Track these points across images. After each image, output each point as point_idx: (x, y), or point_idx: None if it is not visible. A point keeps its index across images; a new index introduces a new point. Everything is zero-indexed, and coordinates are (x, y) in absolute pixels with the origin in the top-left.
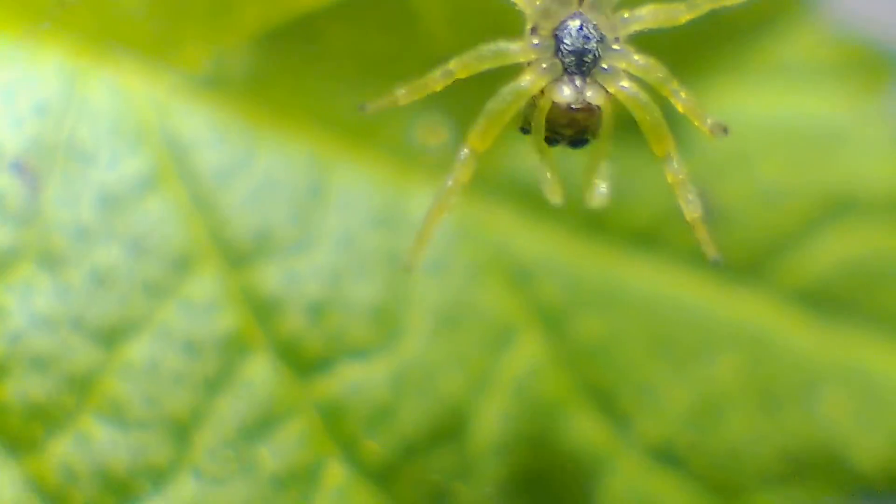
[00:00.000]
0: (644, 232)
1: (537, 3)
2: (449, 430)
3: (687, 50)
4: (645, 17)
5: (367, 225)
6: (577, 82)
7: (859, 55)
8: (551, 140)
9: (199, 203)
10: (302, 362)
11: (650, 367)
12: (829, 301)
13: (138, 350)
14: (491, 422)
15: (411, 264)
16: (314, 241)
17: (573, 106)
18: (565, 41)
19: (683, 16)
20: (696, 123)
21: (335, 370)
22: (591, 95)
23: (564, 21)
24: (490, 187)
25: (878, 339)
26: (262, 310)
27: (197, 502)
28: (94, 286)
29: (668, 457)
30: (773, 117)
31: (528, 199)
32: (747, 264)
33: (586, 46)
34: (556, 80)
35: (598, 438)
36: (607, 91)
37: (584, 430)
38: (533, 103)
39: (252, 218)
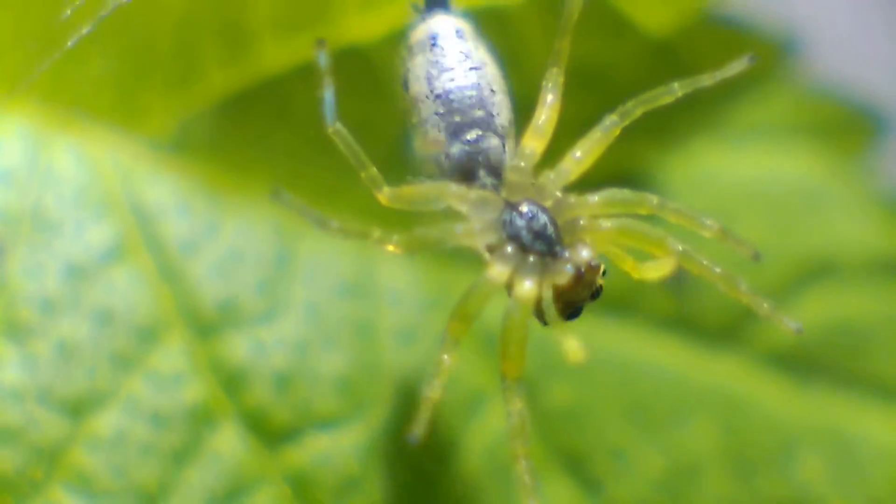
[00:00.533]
0: (616, 297)
1: (477, 226)
2: (418, 499)
3: (664, 112)
4: (578, 160)
5: (334, 294)
6: (564, 252)
7: (837, 116)
8: (573, 314)
9: (166, 273)
10: (270, 433)
11: (622, 432)
12: (805, 364)
13: (106, 421)
14: (460, 490)
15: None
16: (281, 311)
17: (580, 272)
18: (522, 233)
19: (615, 127)
20: (694, 229)
21: (303, 441)
22: (587, 255)
23: (507, 218)
24: (459, 256)
25: (855, 402)
26: (230, 380)
27: None
28: (61, 358)
29: None
30: (751, 179)
31: None
32: (723, 328)
33: (540, 221)
34: (545, 268)
35: None
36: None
37: (556, 494)
38: (538, 306)
39: (218, 288)
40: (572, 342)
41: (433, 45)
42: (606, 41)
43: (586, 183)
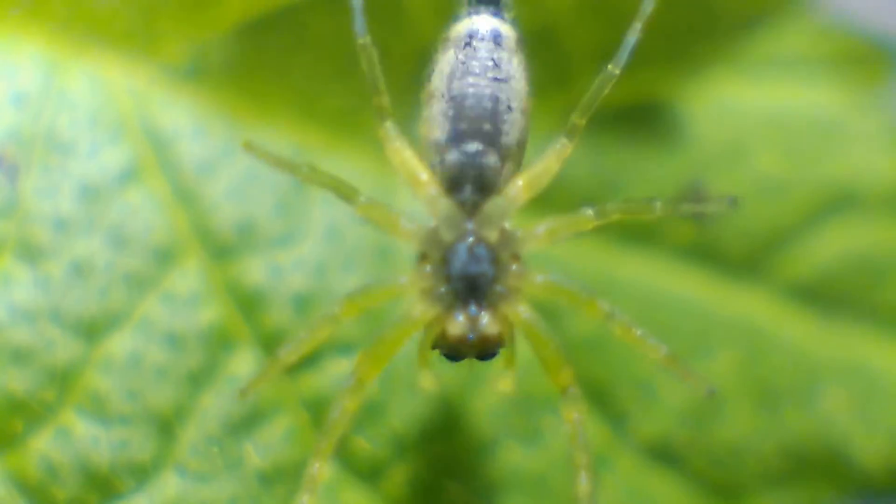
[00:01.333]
0: (640, 226)
1: (422, 231)
2: (440, 426)
3: (681, 42)
4: (542, 234)
5: (353, 218)
6: (473, 308)
7: (856, 48)
8: (454, 358)
9: (182, 195)
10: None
11: (645, 362)
12: (828, 296)
13: (120, 343)
14: (484, 417)
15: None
16: (299, 233)
17: (469, 336)
18: (455, 265)
19: (591, 222)
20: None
21: (321, 365)
22: (486, 325)
23: (454, 244)
24: None
25: (878, 335)
26: (247, 303)
27: (181, 499)
28: (75, 278)
29: (665, 455)
30: (770, 110)
31: None
32: (745, 259)
33: (478, 270)
34: (449, 309)
35: (594, 436)
36: (506, 315)
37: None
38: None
39: (235, 210)
40: (426, 375)
41: (467, 43)
42: None
43: (603, 113)
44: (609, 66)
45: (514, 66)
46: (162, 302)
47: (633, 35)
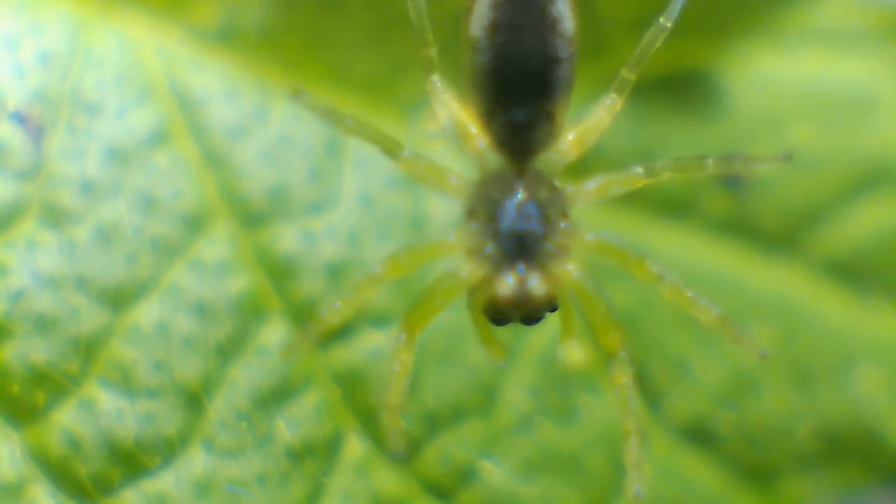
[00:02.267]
0: (676, 199)
1: (471, 185)
2: (475, 404)
3: (720, 14)
4: (592, 191)
5: (386, 183)
6: (521, 268)
7: (892, 21)
8: (500, 321)
9: (211, 159)
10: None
11: (681, 340)
12: (863, 273)
13: (147, 313)
14: (518, 396)
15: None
16: (331, 200)
17: (518, 298)
18: (504, 223)
19: (641, 180)
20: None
21: (354, 338)
22: (535, 286)
23: (503, 201)
24: None
25: None
26: (277, 272)
27: (208, 476)
28: (101, 244)
29: (700, 436)
30: (806, 82)
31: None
32: (780, 234)
33: (527, 227)
34: (497, 269)
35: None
36: (556, 275)
37: (614, 405)
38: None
39: (266, 176)
40: (495, 346)
41: None
42: None
43: (641, 83)
44: (661, 20)
45: (560, 6)
46: (190, 270)
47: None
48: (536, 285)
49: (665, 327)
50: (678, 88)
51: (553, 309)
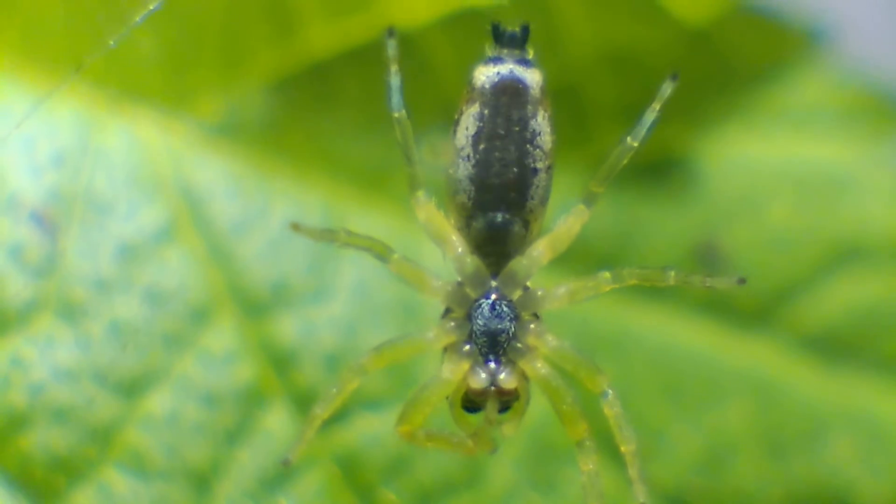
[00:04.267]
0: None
1: (448, 287)
2: (464, 477)
3: (697, 97)
4: (561, 295)
5: (382, 274)
6: (492, 365)
7: (866, 101)
8: (473, 409)
9: (216, 254)
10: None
11: (660, 413)
12: (836, 347)
13: (159, 401)
14: (506, 469)
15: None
16: (330, 291)
17: (491, 389)
18: (478, 321)
19: (608, 286)
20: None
21: (352, 421)
22: (504, 379)
23: (477, 301)
24: None
25: (884, 386)
26: (280, 360)
27: None
28: (115, 338)
29: (678, 503)
30: (780, 163)
31: None
32: (755, 311)
33: (499, 326)
34: (472, 364)
35: (608, 484)
36: (522, 370)
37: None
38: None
39: (269, 269)
40: (483, 439)
41: (492, 100)
42: (642, 28)
43: (621, 171)
44: (628, 139)
45: (540, 120)
46: (198, 360)
47: (651, 115)
48: (505, 379)
49: (644, 401)
50: (656, 173)
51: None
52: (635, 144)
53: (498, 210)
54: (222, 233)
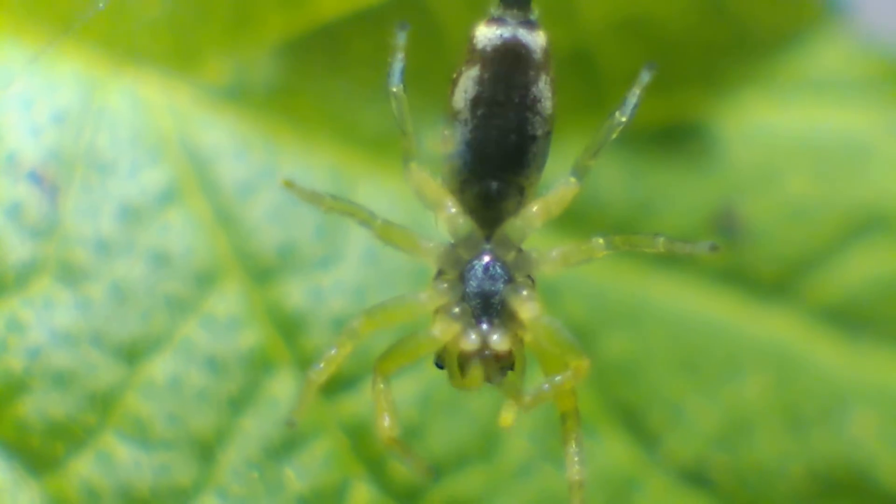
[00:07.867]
0: None
1: (441, 248)
2: (478, 450)
3: (714, 64)
4: (555, 258)
5: None
6: (485, 326)
7: (886, 68)
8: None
9: (222, 217)
10: (328, 380)
11: (678, 385)
12: (857, 319)
13: (161, 367)
14: (520, 442)
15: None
16: (338, 256)
17: (483, 353)
18: (471, 283)
19: (601, 251)
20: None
21: (361, 389)
22: (496, 341)
23: (470, 262)
24: None
25: None
26: (287, 326)
27: None
28: (116, 301)
29: (697, 477)
30: (800, 132)
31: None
32: (775, 282)
33: (492, 288)
34: (464, 326)
35: (626, 458)
36: (516, 333)
37: (613, 449)
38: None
39: (275, 233)
40: (506, 412)
41: (493, 63)
42: None
43: (637, 135)
44: (616, 114)
45: (542, 86)
46: (202, 325)
47: (633, 98)
48: (498, 341)
49: (662, 373)
50: (674, 139)
51: (510, 367)
52: (623, 119)
53: (493, 176)
54: (228, 195)
